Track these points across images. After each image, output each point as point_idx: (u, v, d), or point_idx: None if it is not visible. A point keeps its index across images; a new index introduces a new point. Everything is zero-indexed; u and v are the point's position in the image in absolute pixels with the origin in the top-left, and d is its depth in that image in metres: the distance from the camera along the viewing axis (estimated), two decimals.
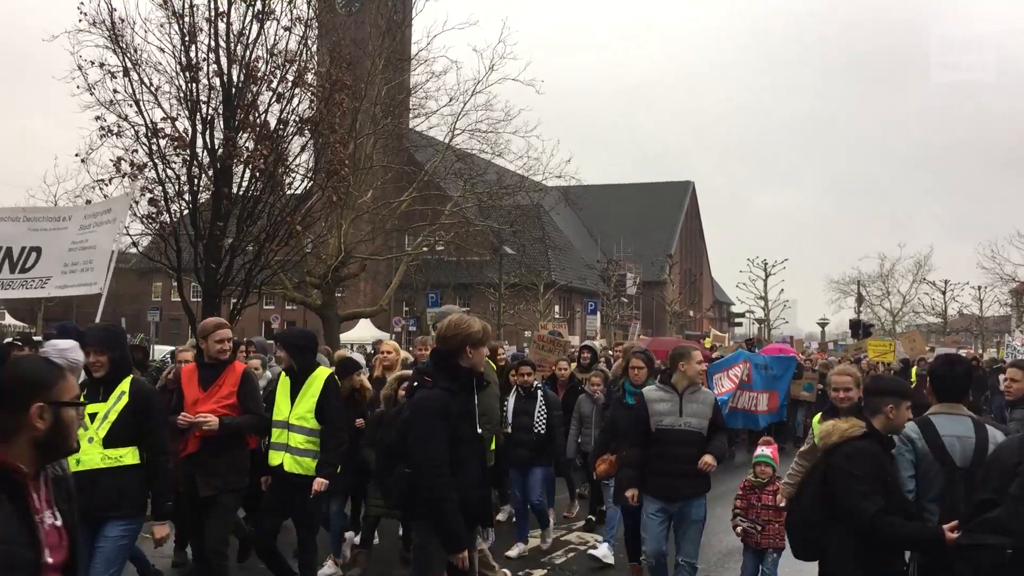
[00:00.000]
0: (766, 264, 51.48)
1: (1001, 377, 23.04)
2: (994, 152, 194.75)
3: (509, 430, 8.81)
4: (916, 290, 61.38)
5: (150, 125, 13.86)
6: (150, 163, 13.86)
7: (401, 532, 8.35)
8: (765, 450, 6.83)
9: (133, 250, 17.87)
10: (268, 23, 14.37)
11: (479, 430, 4.98)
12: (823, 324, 54.77)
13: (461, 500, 4.65)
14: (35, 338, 17.35)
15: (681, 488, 6.43)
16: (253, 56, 14.20)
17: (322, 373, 6.58)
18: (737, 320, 64.12)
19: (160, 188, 14.01)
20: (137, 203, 13.77)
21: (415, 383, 5.03)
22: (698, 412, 6.49)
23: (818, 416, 5.74)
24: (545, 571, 8.32)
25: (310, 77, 14.99)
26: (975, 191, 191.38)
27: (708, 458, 6.39)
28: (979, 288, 57.31)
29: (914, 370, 21.73)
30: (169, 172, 14.11)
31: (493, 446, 7.99)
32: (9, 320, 41.40)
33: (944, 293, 57.73)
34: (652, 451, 6.48)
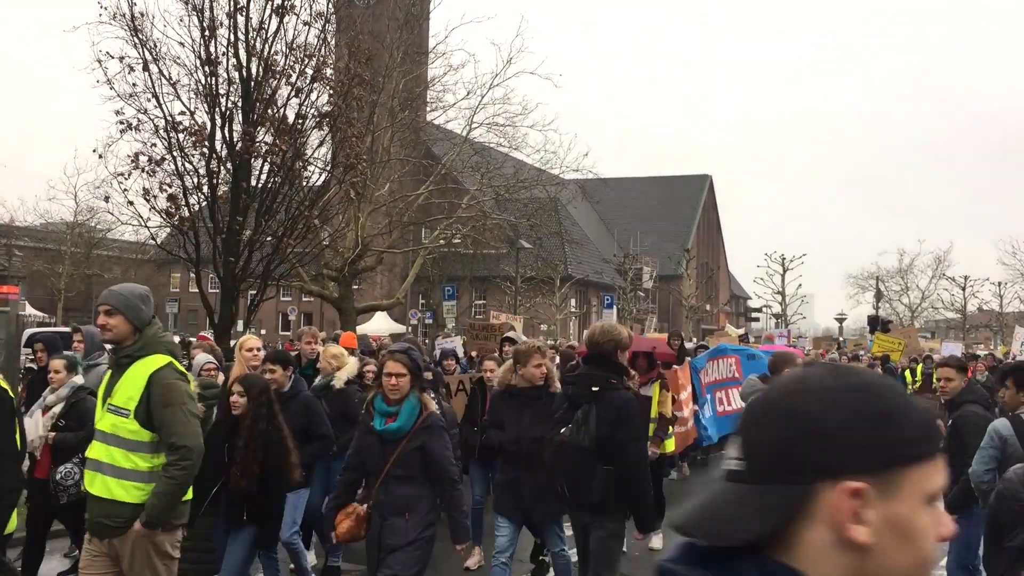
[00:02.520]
0: (783, 259, 51.27)
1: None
2: (1003, 149, 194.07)
3: None
4: (935, 285, 61.08)
5: (169, 118, 13.92)
6: (168, 156, 13.92)
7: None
8: None
9: (151, 242, 17.98)
10: (287, 17, 14.40)
11: None
12: (841, 319, 54.45)
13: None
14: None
15: None
16: (272, 50, 14.23)
17: None
18: (754, 315, 63.79)
19: (179, 181, 14.07)
20: (156, 197, 13.86)
21: (594, 387, 5.24)
22: None
23: None
24: None
25: (328, 72, 15.00)
26: (991, 188, 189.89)
27: None
28: (999, 284, 56.97)
29: (919, 368, 21.45)
30: (188, 165, 14.17)
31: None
32: (30, 310, 41.72)
33: (964, 289, 57.37)
34: None
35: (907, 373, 21.26)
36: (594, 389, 5.26)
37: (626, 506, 5.30)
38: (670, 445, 9.04)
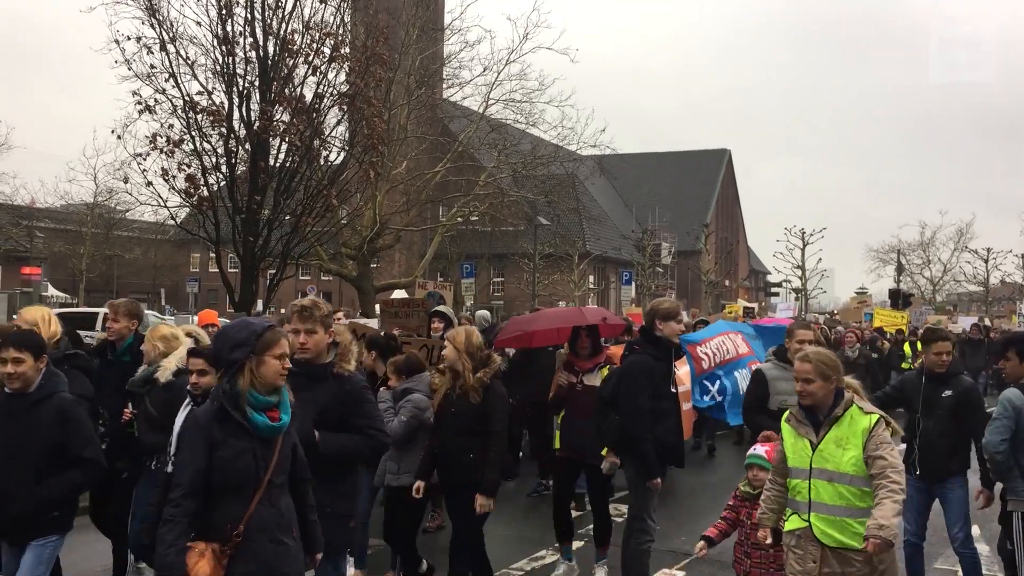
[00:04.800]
0: (803, 233, 50.86)
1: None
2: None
3: None
4: (957, 258, 60.44)
5: (186, 98, 13.94)
6: (186, 136, 13.95)
7: None
8: (759, 448, 5.41)
9: (171, 222, 18.07)
10: None
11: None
12: (861, 293, 54.08)
13: (661, 443, 6.11)
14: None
15: None
16: (289, 29, 14.21)
17: None
18: (774, 290, 63.49)
19: (197, 161, 14.10)
20: (175, 177, 13.91)
21: (626, 351, 6.53)
22: None
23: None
24: None
25: (346, 50, 14.96)
26: (1013, 164, 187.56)
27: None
28: (1022, 256, 56.29)
29: (919, 344, 21.20)
30: (206, 145, 14.20)
31: None
32: (52, 291, 42.13)
33: (986, 261, 56.76)
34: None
35: (906, 346, 21.27)
36: (624, 353, 6.53)
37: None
38: None
